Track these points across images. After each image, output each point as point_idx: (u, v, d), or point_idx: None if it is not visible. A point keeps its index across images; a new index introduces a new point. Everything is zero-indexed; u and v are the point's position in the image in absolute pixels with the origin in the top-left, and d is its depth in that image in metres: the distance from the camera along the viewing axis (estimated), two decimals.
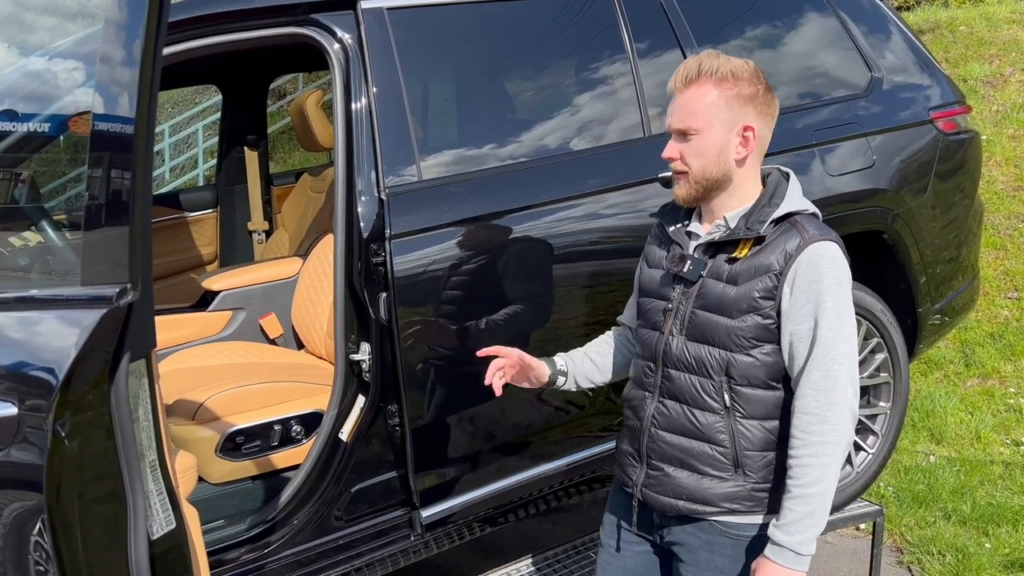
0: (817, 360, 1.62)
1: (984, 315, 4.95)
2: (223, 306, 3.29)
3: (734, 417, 1.68)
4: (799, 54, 3.05)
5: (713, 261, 1.71)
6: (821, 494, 1.60)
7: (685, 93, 1.69)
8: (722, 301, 1.67)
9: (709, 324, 1.69)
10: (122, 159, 1.37)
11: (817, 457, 1.60)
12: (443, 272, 2.27)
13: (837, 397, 1.61)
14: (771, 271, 1.64)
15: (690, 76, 1.68)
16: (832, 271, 1.63)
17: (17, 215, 2.02)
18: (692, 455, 1.72)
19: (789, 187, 1.72)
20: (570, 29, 2.66)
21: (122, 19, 1.34)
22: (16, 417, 1.42)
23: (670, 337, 1.74)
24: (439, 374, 2.31)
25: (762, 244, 1.66)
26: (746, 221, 1.68)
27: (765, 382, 1.68)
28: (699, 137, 1.68)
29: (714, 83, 1.67)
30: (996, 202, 5.74)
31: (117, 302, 1.36)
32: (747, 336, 1.66)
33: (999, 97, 6.75)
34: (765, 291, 1.64)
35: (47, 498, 1.38)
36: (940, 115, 3.18)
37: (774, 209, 1.67)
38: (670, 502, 1.74)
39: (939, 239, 3.15)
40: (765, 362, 1.67)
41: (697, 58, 1.70)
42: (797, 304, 1.63)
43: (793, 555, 1.60)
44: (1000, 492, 3.58)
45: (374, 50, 2.29)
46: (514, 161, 2.46)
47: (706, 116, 1.67)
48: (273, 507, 2.32)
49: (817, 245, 1.63)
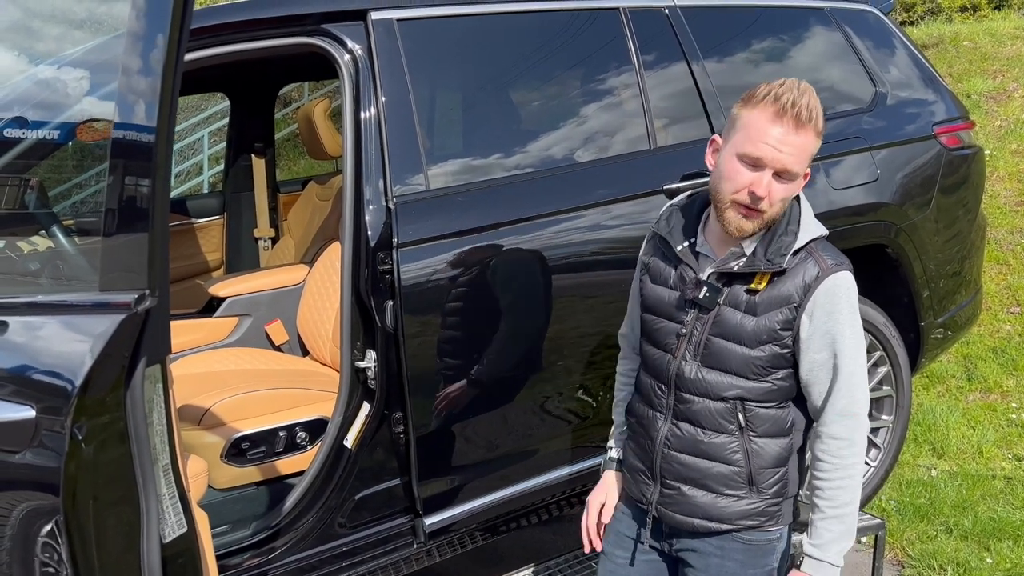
0: (841, 389, 1.66)
1: (986, 329, 4.95)
2: (229, 312, 3.31)
3: (748, 437, 1.71)
4: (803, 68, 3.07)
5: (730, 289, 1.69)
6: (854, 512, 1.69)
7: (799, 135, 1.58)
8: (740, 331, 1.67)
9: (725, 352, 1.69)
10: (142, 166, 1.39)
11: (849, 479, 1.68)
12: (449, 281, 2.29)
13: (861, 421, 1.68)
14: (791, 303, 1.64)
15: (802, 118, 1.57)
16: (847, 300, 1.66)
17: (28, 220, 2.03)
18: (707, 475, 1.73)
19: (803, 212, 1.70)
20: (577, 41, 2.68)
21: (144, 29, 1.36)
22: (34, 420, 1.43)
23: (683, 362, 1.73)
24: (444, 382, 2.32)
25: (782, 274, 1.65)
26: (765, 251, 1.65)
27: (778, 402, 1.72)
28: (795, 183, 1.63)
29: (816, 132, 1.61)
30: (999, 217, 5.75)
31: (136, 308, 1.38)
32: (763, 364, 1.68)
33: (1002, 112, 6.77)
34: (784, 322, 1.65)
35: (63, 501, 1.39)
36: (944, 130, 3.20)
37: (793, 239, 1.65)
38: (686, 520, 1.76)
39: (942, 253, 3.16)
40: (780, 387, 1.71)
41: (803, 93, 1.58)
42: (817, 335, 1.65)
43: (831, 568, 1.69)
44: (1002, 507, 3.57)
45: (383, 60, 2.31)
46: (521, 171, 2.48)
47: (806, 163, 1.62)
48: (277, 513, 2.33)
49: (835, 276, 1.64)
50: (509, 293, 2.39)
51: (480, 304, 2.34)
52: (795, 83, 1.60)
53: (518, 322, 2.41)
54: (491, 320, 2.37)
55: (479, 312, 2.35)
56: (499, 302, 2.38)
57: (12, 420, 1.45)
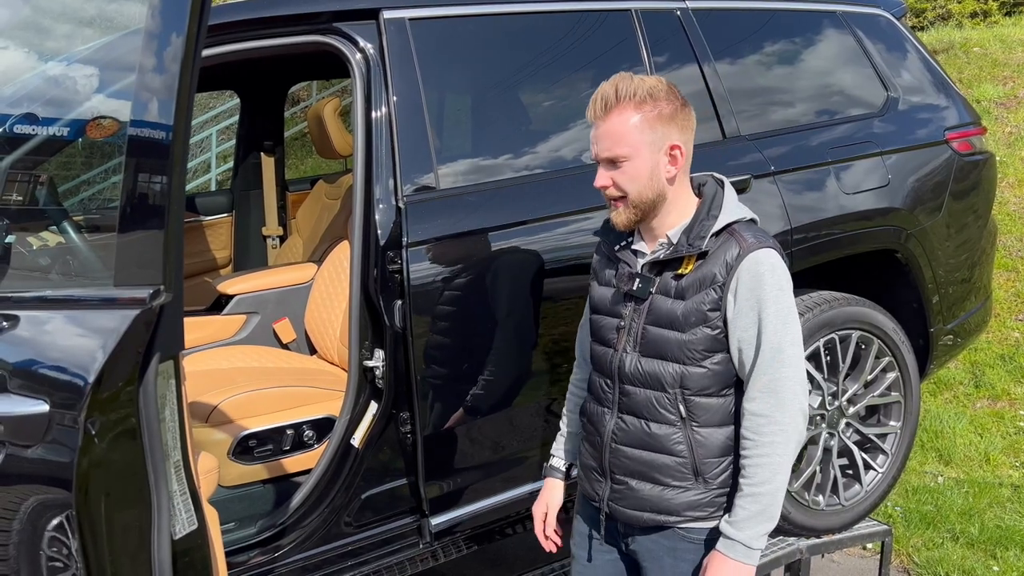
0: (763, 364, 1.66)
1: (995, 336, 4.94)
2: (237, 310, 3.31)
3: (691, 427, 1.72)
4: (815, 72, 3.07)
5: (660, 278, 1.74)
6: (772, 492, 1.66)
7: (607, 120, 1.67)
8: (672, 316, 1.71)
9: (661, 339, 1.72)
10: (159, 163, 1.40)
11: (767, 457, 1.65)
12: (459, 281, 2.29)
13: (785, 398, 1.66)
14: (715, 283, 1.68)
15: (609, 102, 1.67)
16: (772, 277, 1.66)
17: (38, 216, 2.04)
18: (653, 467, 1.75)
19: (725, 196, 1.74)
20: (588, 42, 2.68)
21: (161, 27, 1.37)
22: (47, 415, 1.44)
23: (624, 354, 1.78)
24: (452, 383, 2.32)
25: (705, 257, 1.69)
26: (687, 237, 1.71)
27: (718, 391, 1.72)
28: (630, 163, 1.68)
29: (634, 107, 1.66)
30: (1009, 224, 5.73)
31: (150, 303, 1.38)
32: (698, 348, 1.70)
33: (1012, 119, 6.75)
34: (711, 302, 1.68)
35: (76, 495, 1.40)
36: (955, 136, 3.19)
37: (713, 222, 1.70)
38: (635, 514, 1.78)
39: (952, 259, 3.15)
40: (717, 371, 1.71)
41: (611, 83, 1.69)
42: (741, 312, 1.67)
43: (744, 549, 1.66)
44: (1009, 515, 3.56)
45: (395, 60, 2.31)
46: (531, 172, 2.48)
47: (632, 141, 1.66)
48: (284, 511, 2.33)
49: (755, 253, 1.66)
50: (518, 294, 2.39)
51: (489, 305, 2.34)
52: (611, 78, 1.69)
53: (527, 323, 2.41)
54: (500, 321, 2.37)
55: (488, 312, 2.34)
56: (508, 303, 2.38)
57: (26, 414, 1.45)
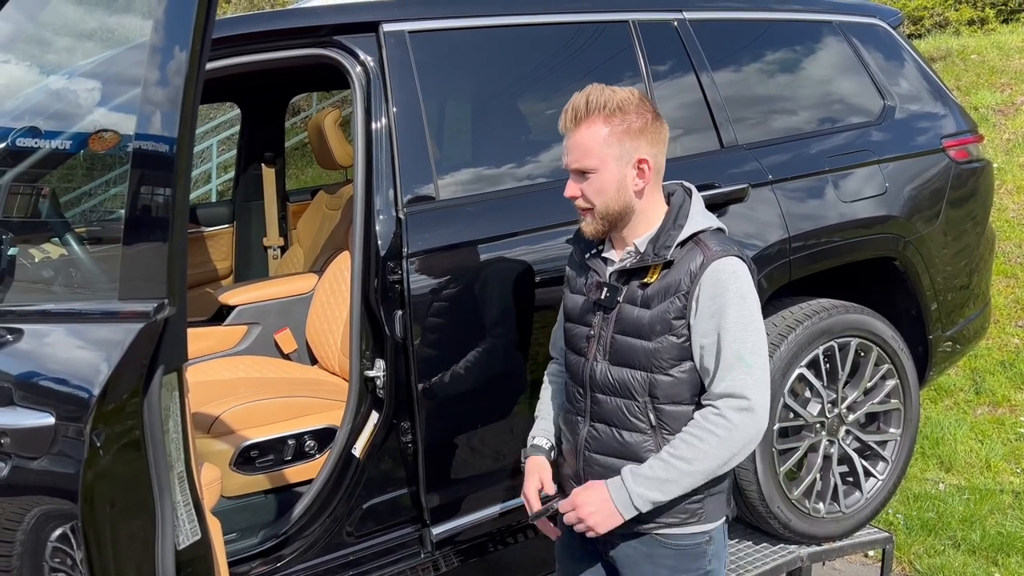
0: (723, 371, 1.66)
1: (995, 343, 4.94)
2: (238, 320, 3.32)
3: (661, 435, 1.72)
4: (812, 81, 3.08)
5: (628, 287, 1.75)
6: (681, 472, 1.65)
7: (577, 132, 1.69)
8: (638, 325, 1.72)
9: (628, 348, 1.73)
10: (163, 176, 1.41)
11: (697, 439, 1.65)
12: (459, 291, 2.30)
13: (743, 404, 1.65)
14: (679, 291, 1.68)
15: (579, 114, 1.69)
16: (734, 284, 1.66)
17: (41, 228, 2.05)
18: None
19: (692, 206, 1.75)
20: (587, 54, 2.70)
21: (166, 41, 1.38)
22: (53, 427, 1.45)
23: (594, 363, 1.79)
24: (453, 392, 2.33)
25: (670, 267, 1.70)
26: (653, 246, 1.72)
27: (688, 398, 1.72)
28: (597, 175, 1.69)
29: (603, 120, 1.67)
30: (1007, 230, 5.74)
31: (155, 317, 1.39)
32: (664, 357, 1.70)
33: (1010, 125, 6.77)
34: (676, 311, 1.69)
35: (81, 506, 1.41)
36: (952, 143, 3.20)
37: (678, 232, 1.71)
38: None
39: (950, 266, 3.16)
40: (684, 379, 1.71)
41: (584, 94, 1.71)
42: (702, 319, 1.67)
43: (627, 499, 1.66)
44: (1010, 521, 3.56)
45: (395, 72, 2.33)
46: (531, 182, 2.49)
47: (600, 154, 1.68)
48: (285, 521, 2.33)
49: (719, 262, 1.67)
50: (519, 304, 2.40)
51: (489, 314, 2.35)
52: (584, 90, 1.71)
53: (527, 333, 2.41)
54: (500, 331, 2.38)
55: (488, 322, 2.35)
56: (509, 313, 2.39)
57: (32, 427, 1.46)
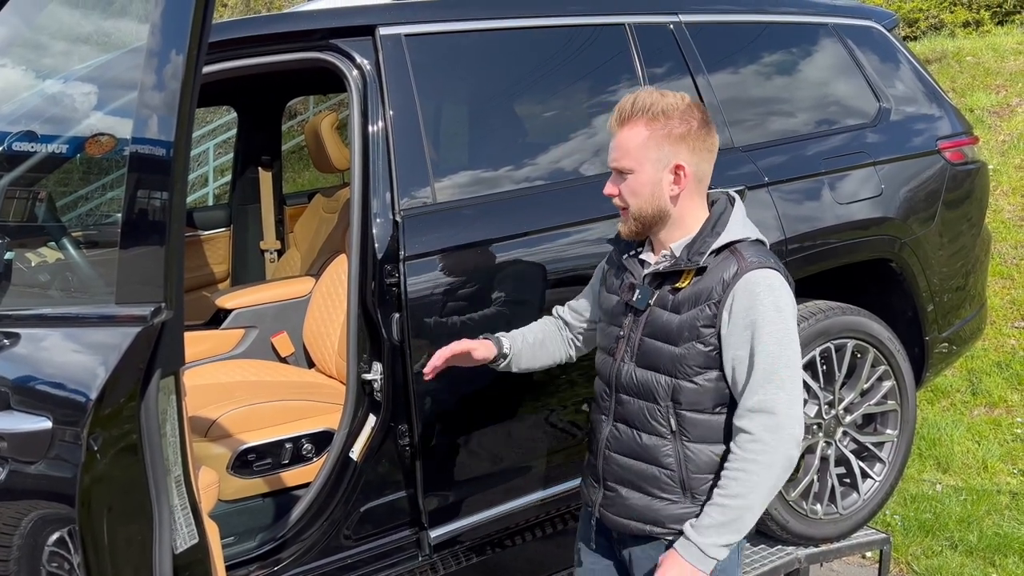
0: (755, 384, 1.64)
1: (991, 344, 4.95)
2: (236, 324, 3.32)
3: (681, 441, 1.72)
4: (808, 84, 3.09)
5: (659, 291, 1.74)
6: (740, 508, 1.63)
7: (620, 133, 1.72)
8: (667, 329, 1.71)
9: (655, 351, 1.73)
10: (160, 180, 1.41)
11: (744, 472, 1.63)
12: (456, 294, 2.30)
13: (775, 420, 1.62)
14: (710, 300, 1.67)
15: (624, 115, 1.71)
16: (769, 297, 1.64)
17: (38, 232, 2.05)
18: (642, 477, 1.76)
19: (732, 215, 1.74)
20: (583, 57, 2.70)
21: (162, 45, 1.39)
22: (50, 431, 1.45)
23: (621, 363, 1.79)
24: (450, 395, 2.33)
25: (703, 273, 1.69)
26: (688, 252, 1.71)
27: (711, 407, 1.71)
28: (633, 176, 1.71)
29: (645, 123, 1.69)
30: (1003, 231, 5.76)
31: (151, 321, 1.39)
32: (690, 363, 1.69)
33: (1006, 127, 6.79)
34: (705, 319, 1.67)
35: (78, 510, 1.41)
36: (947, 145, 3.21)
37: (714, 239, 1.70)
38: (623, 522, 1.80)
39: (946, 267, 3.17)
40: (709, 388, 1.70)
41: (632, 96, 1.72)
42: (735, 331, 1.66)
43: (699, 554, 1.65)
44: (1007, 522, 3.57)
45: (391, 75, 2.33)
46: (528, 185, 2.49)
47: (637, 156, 1.70)
48: (283, 525, 2.33)
49: (753, 273, 1.65)
50: (515, 306, 2.40)
51: (486, 317, 2.35)
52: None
53: None
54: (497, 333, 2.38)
55: (485, 325, 2.35)
56: (505, 315, 2.39)
57: (29, 431, 1.46)
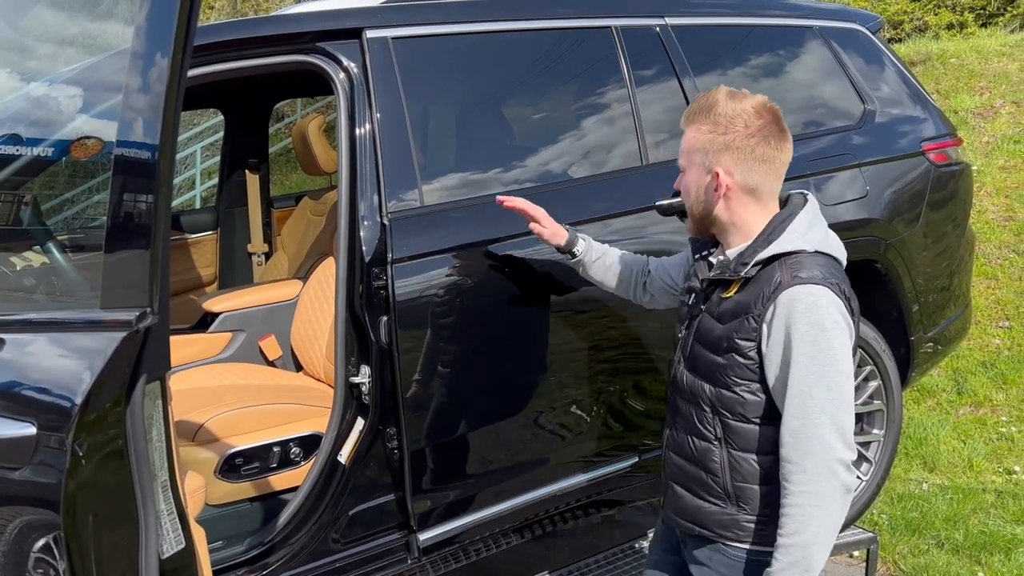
0: (792, 407, 1.58)
1: (976, 344, 4.99)
2: (223, 327, 3.31)
3: (727, 448, 1.71)
4: (793, 86, 3.11)
5: (712, 297, 1.73)
6: (804, 544, 1.56)
7: (685, 129, 1.74)
8: (711, 337, 1.71)
9: (701, 357, 1.73)
10: (145, 183, 1.40)
11: (798, 507, 1.56)
12: (444, 297, 2.30)
13: (815, 447, 1.55)
14: (750, 313, 1.62)
15: (689, 114, 1.73)
16: (809, 315, 1.56)
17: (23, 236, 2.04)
18: (693, 480, 1.77)
19: (792, 224, 1.65)
20: (570, 59, 2.71)
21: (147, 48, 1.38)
22: (35, 437, 1.44)
23: (679, 365, 1.81)
24: (438, 398, 2.33)
25: (749, 284, 1.65)
26: (737, 261, 1.68)
27: (754, 417, 1.67)
28: (685, 175, 1.74)
29: (698, 124, 1.70)
30: (987, 232, 5.80)
31: (136, 326, 1.39)
32: (730, 374, 1.67)
33: (989, 128, 6.85)
34: (745, 332, 1.63)
35: (63, 517, 1.39)
36: (932, 147, 3.24)
37: (763, 249, 1.64)
38: (678, 520, 1.82)
39: (931, 268, 3.19)
40: (749, 399, 1.66)
41: (705, 95, 1.73)
42: (774, 349, 1.60)
43: None
44: (993, 520, 3.59)
45: (378, 78, 2.33)
46: (516, 187, 2.49)
47: (689, 156, 1.72)
48: (271, 529, 2.32)
49: (796, 288, 1.57)
50: (503, 309, 2.41)
51: (474, 320, 2.36)
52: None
53: (512, 337, 2.42)
54: (485, 335, 2.38)
55: (473, 328, 2.36)
56: (493, 318, 2.39)
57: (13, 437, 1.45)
